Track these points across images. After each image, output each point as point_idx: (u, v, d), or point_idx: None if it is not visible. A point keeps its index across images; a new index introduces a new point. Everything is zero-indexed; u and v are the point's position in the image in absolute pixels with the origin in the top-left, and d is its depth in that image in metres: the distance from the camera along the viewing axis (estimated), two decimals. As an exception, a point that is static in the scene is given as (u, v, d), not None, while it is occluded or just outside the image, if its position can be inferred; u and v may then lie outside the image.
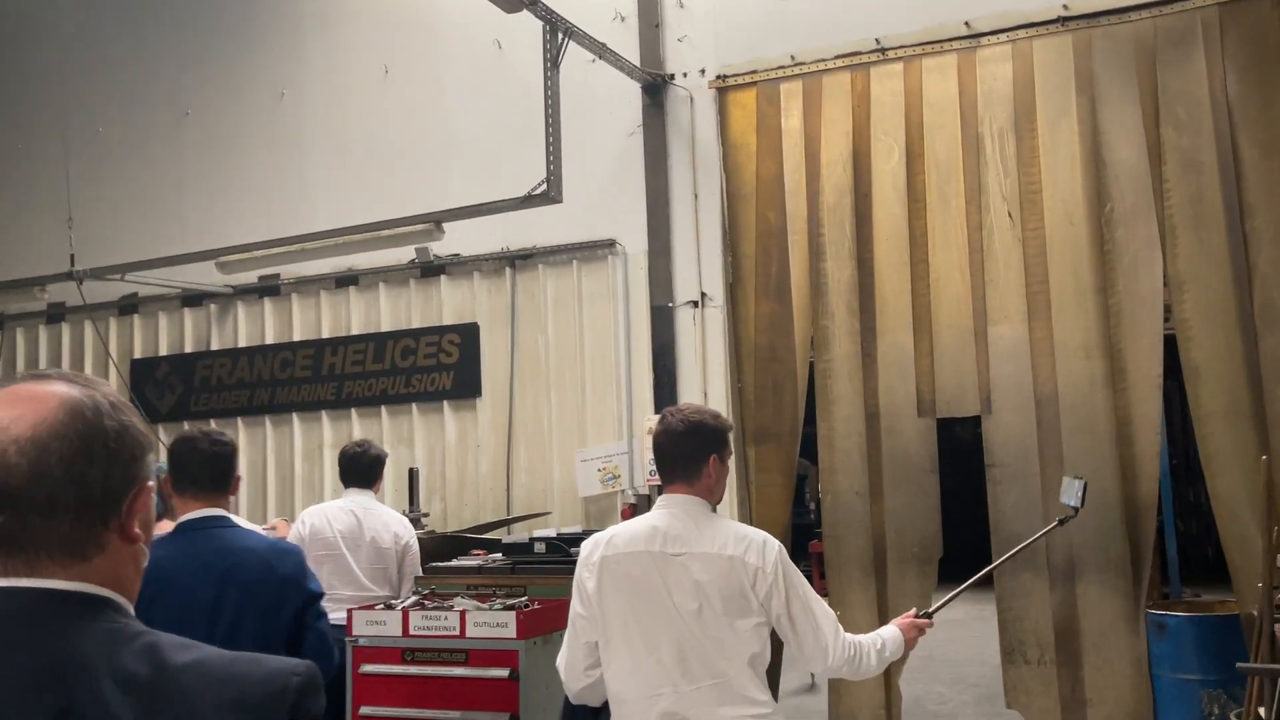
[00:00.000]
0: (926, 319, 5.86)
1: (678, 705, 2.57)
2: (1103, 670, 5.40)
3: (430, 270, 7.16)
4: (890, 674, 5.87)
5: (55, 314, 8.25)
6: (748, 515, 6.28)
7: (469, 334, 6.99)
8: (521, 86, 6.62)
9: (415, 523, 5.94)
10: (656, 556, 2.63)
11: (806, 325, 6.15)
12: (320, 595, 2.95)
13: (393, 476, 6.99)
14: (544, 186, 5.63)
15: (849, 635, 2.82)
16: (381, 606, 4.07)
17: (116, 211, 8.03)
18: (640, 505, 6.35)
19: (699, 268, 6.45)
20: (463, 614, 3.82)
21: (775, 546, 2.68)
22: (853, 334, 5.99)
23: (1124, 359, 5.48)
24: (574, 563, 2.83)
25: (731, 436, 2.89)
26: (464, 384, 6.97)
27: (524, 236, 6.89)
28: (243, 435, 7.60)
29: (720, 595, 2.60)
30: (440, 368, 7.04)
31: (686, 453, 2.72)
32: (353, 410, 7.28)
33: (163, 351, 7.92)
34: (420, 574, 4.49)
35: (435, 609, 3.93)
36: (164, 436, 7.80)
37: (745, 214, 6.36)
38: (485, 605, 3.98)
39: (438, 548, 5.66)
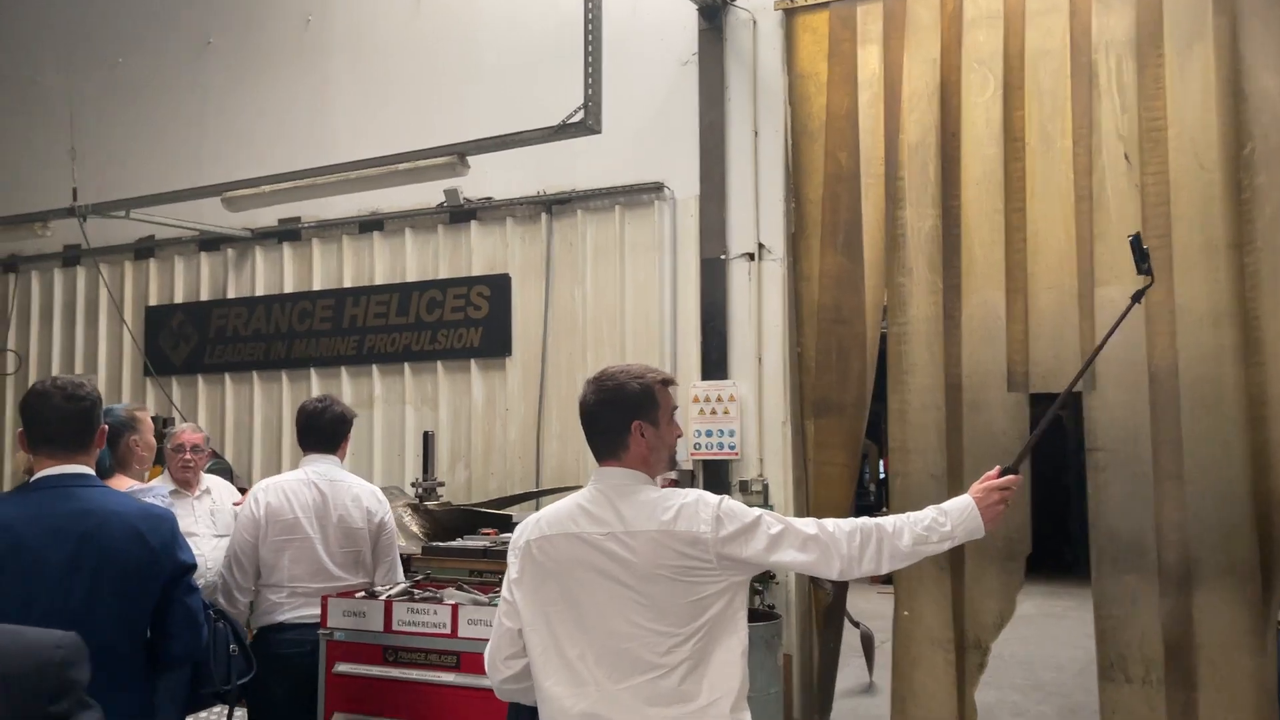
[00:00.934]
0: (1021, 277, 5.03)
1: (600, 706, 2.28)
2: (1221, 693, 4.57)
3: (460, 215, 6.49)
4: (965, 682, 5.11)
5: (70, 257, 7.76)
6: (804, 498, 5.54)
7: (500, 286, 6.32)
8: (561, 15, 5.89)
9: (429, 492, 5.32)
10: (578, 539, 2.34)
11: (879, 283, 5.35)
12: (192, 567, 2.64)
13: (411, 440, 6.39)
14: (580, 114, 4.90)
15: (844, 522, 2.42)
16: (363, 594, 3.42)
17: (133, 147, 7.49)
18: (682, 482, 5.65)
19: (756, 215, 5.69)
20: (454, 609, 3.16)
21: (712, 501, 2.33)
22: (933, 293, 5.18)
23: (1260, 328, 4.61)
24: None
25: (667, 391, 2.50)
26: (493, 341, 6.31)
27: (562, 179, 6.18)
28: (258, 391, 7.04)
29: (651, 577, 2.29)
30: (468, 322, 6.38)
31: (604, 425, 2.47)
32: (374, 367, 6.66)
33: (178, 299, 7.38)
34: (395, 556, 3.81)
35: (425, 600, 3.27)
36: (177, 391, 7.29)
37: (812, 154, 5.56)
38: (486, 598, 3.31)
39: (452, 522, 5.02)
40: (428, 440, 5.52)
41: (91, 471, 2.59)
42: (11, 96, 8.13)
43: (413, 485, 5.34)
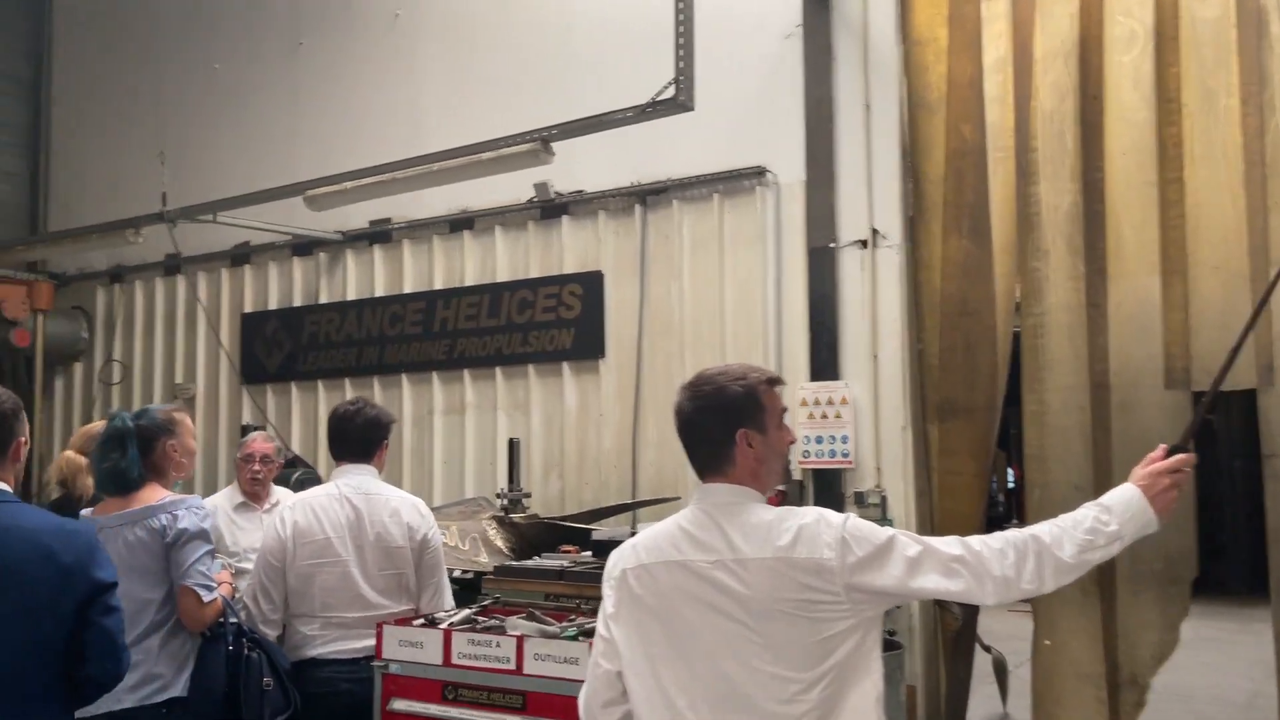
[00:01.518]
0: (1179, 258, 4.37)
1: None
2: None
3: (550, 210, 6.14)
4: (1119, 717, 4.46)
5: (171, 265, 7.74)
6: (928, 509, 4.97)
7: (592, 284, 5.93)
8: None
9: (515, 504, 4.96)
10: (681, 568, 2.06)
11: (1011, 269, 4.75)
12: (111, 585, 2.39)
13: (504, 448, 6.06)
14: (671, 90, 4.48)
15: (991, 539, 2.07)
16: (421, 621, 3.05)
17: (225, 153, 7.42)
18: (791, 494, 5.15)
19: (870, 198, 5.15)
20: (519, 641, 2.76)
21: (836, 522, 2.04)
22: (1074, 279, 4.56)
23: None
24: None
25: (774, 392, 2.22)
26: (586, 342, 5.93)
27: (656, 168, 5.75)
28: (350, 399, 6.82)
29: (768, 613, 1.99)
30: (560, 323, 6.02)
31: (705, 436, 2.18)
32: (465, 371, 6.36)
33: (272, 305, 7.26)
34: (442, 578, 3.40)
35: (487, 630, 2.89)
36: (271, 399, 7.16)
37: (931, 128, 5.00)
38: (558, 627, 2.90)
39: (538, 537, 4.65)
40: (513, 448, 5.17)
41: (5, 487, 2.38)
42: (112, 106, 8.20)
43: (497, 496, 4.99)
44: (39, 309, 7.64)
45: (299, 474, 6.04)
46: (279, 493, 4.68)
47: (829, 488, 5.16)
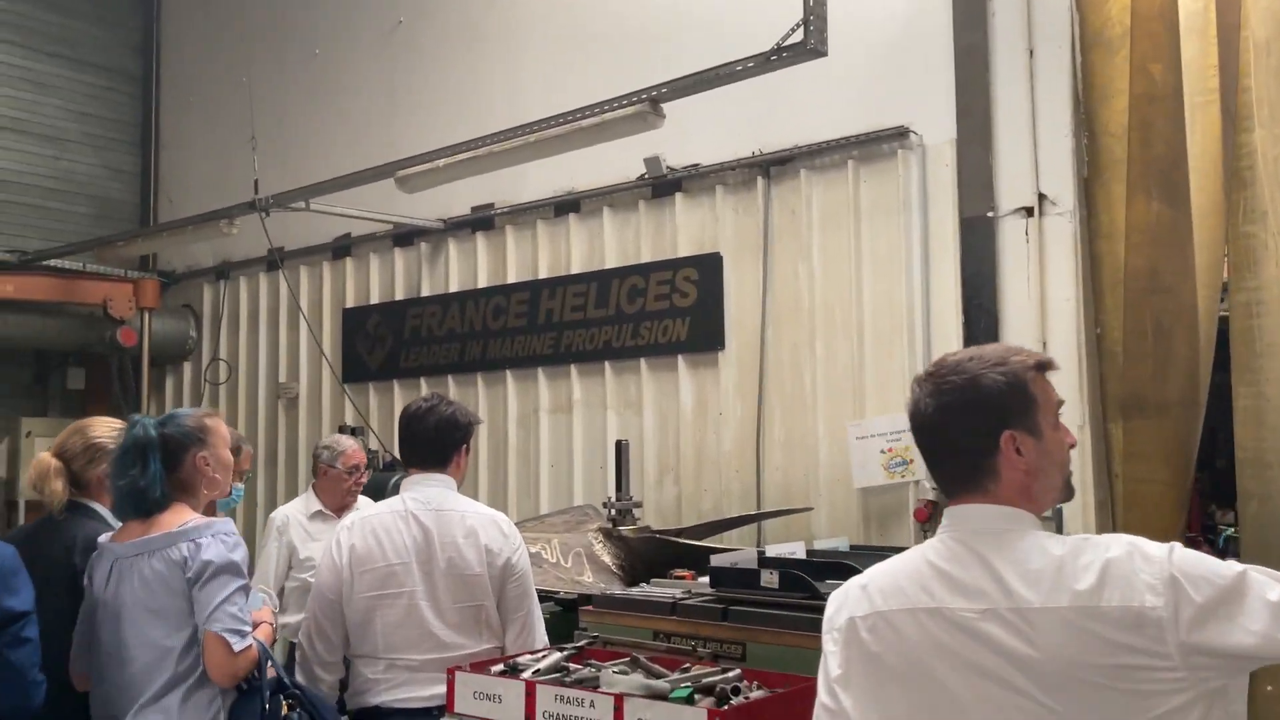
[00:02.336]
0: None
1: None
2: None
3: (662, 187, 5.55)
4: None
5: (274, 260, 7.47)
6: (1109, 524, 4.18)
7: (709, 268, 5.32)
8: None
9: (624, 515, 4.39)
10: (936, 617, 1.57)
11: (1216, 236, 3.93)
12: (21, 615, 2.13)
13: (602, 449, 5.52)
14: (799, 33, 3.82)
15: None
16: (500, 668, 2.50)
17: (324, 140, 7.11)
18: (941, 500, 4.43)
19: (1035, 158, 4.39)
20: (618, 702, 2.18)
21: (1158, 555, 1.50)
22: (1301, 245, 3.71)
23: None
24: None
25: (1046, 380, 1.75)
26: (703, 332, 5.32)
27: (781, 135, 5.11)
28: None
29: (1066, 682, 1.47)
30: (674, 312, 5.43)
31: (956, 442, 1.69)
32: (572, 366, 5.84)
33: (374, 299, 6.90)
34: (531, 610, 2.84)
35: (579, 684, 2.32)
36: (374, 398, 6.80)
37: (1110, 71, 4.20)
38: (668, 680, 2.31)
39: (650, 553, 4.07)
40: (621, 451, 4.60)
41: None
42: (217, 99, 8.00)
43: (604, 505, 4.44)
44: (145, 307, 7.48)
45: (397, 477, 5.63)
46: (362, 502, 4.25)
47: (988, 497, 4.42)
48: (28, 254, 7.18)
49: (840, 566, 3.03)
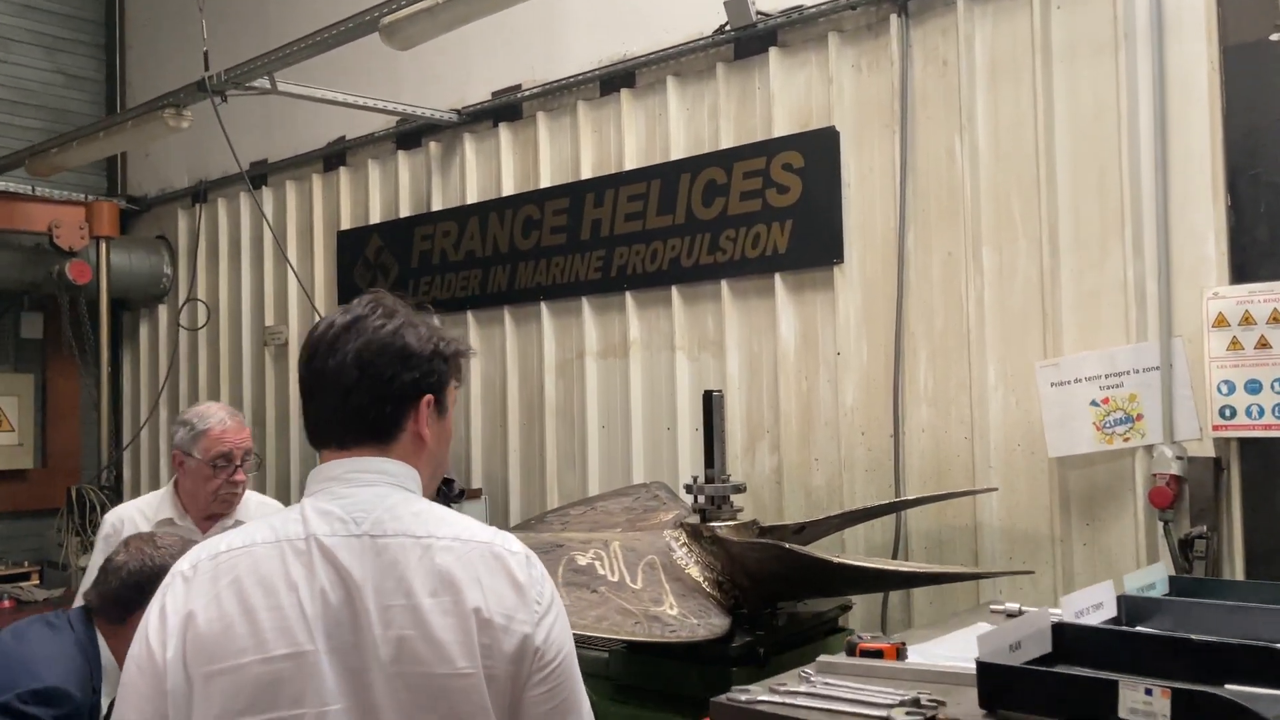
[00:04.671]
0: None
1: None
2: None
3: (750, 44, 4.03)
4: None
5: (257, 176, 6.07)
6: None
7: (821, 149, 3.80)
8: None
9: (718, 503, 2.91)
10: None
11: None
12: None
13: (687, 407, 4.08)
14: None
15: None
16: None
17: (304, 8, 5.63)
18: (1193, 475, 2.96)
19: (1352, -55, 2.80)
20: None
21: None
22: None
23: None
24: None
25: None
26: (811, 242, 3.82)
27: (926, -49, 3.55)
28: (475, 337, 4.97)
29: None
30: (769, 214, 3.93)
31: None
32: (627, 295, 4.37)
33: (374, 218, 5.46)
34: None
35: None
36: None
37: None
38: None
39: (766, 564, 2.62)
40: (713, 408, 3.09)
41: None
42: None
43: (689, 489, 2.96)
44: (101, 235, 6.11)
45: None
46: (253, 505, 2.86)
47: (1271, 471, 2.91)
48: (-46, 174, 5.83)
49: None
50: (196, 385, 6.39)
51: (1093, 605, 1.91)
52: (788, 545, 2.41)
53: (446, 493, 4.39)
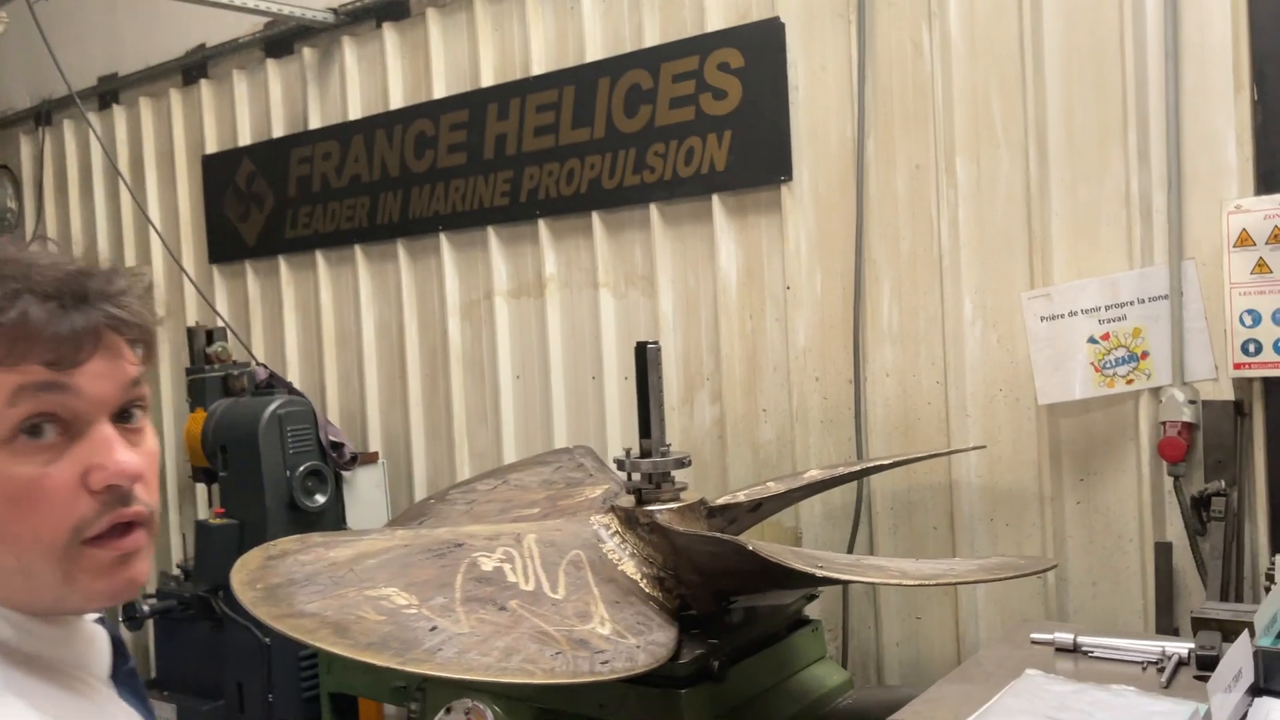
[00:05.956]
0: None
1: None
2: None
3: (676, -82, 3.38)
4: None
5: (107, 93, 5.23)
6: None
7: (763, 46, 3.21)
8: None
9: (657, 480, 2.36)
10: None
11: None
12: None
13: (615, 355, 3.54)
14: None
15: None
16: None
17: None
18: (1208, 422, 2.52)
19: None
20: None
21: None
22: None
23: None
24: None
25: None
26: (753, 157, 3.25)
27: None
28: (365, 276, 4.31)
29: None
30: (703, 125, 3.34)
31: None
32: (540, 223, 3.76)
33: (243, 139, 4.71)
34: None
35: None
36: (253, 283, 4.71)
37: None
38: None
39: (715, 559, 2.12)
40: (646, 361, 2.50)
41: None
42: None
43: (620, 464, 2.38)
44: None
45: (277, 404, 3.63)
46: None
47: (1302, 418, 2.48)
48: None
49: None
50: (53, 337, 5.59)
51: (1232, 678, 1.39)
52: (750, 546, 1.89)
53: (337, 459, 3.79)
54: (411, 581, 1.98)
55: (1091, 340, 2.71)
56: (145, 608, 3.61)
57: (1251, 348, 2.49)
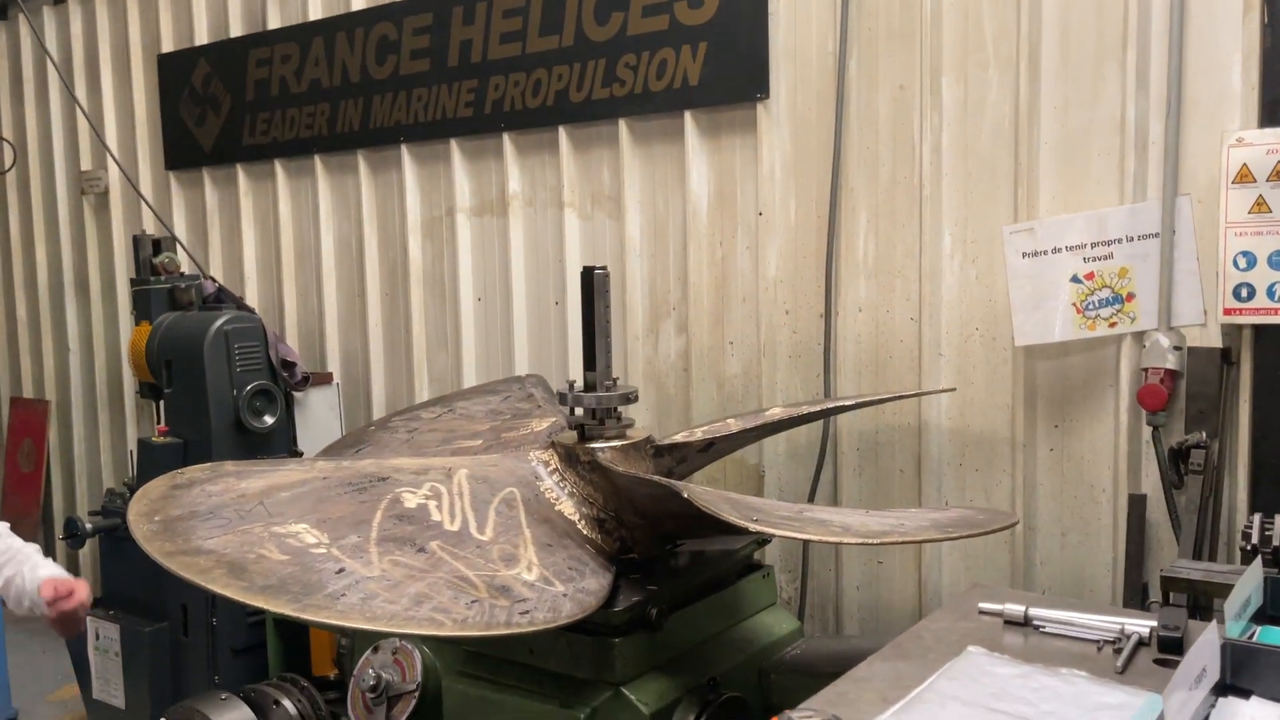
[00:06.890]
0: None
1: None
2: None
3: None
4: None
5: (60, -15, 4.96)
6: None
7: (742, -52, 2.97)
8: None
9: (601, 416, 2.21)
10: None
11: None
12: None
13: (559, 276, 3.37)
14: None
15: None
16: None
17: None
18: (1193, 369, 2.37)
19: None
20: None
21: None
22: None
23: None
24: None
25: None
26: (729, 71, 3.03)
27: None
28: (325, 187, 4.11)
29: None
30: (677, 35, 3.12)
31: None
32: (505, 137, 3.55)
33: (201, 38, 4.46)
34: None
35: None
36: (210, 192, 4.50)
37: None
38: None
39: (658, 502, 1.98)
40: (593, 288, 2.32)
41: None
42: None
43: (563, 398, 2.24)
44: None
45: (224, 320, 3.46)
46: None
47: (1291, 369, 2.33)
48: None
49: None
50: (9, 243, 5.40)
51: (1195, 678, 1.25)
52: (685, 493, 1.76)
53: (288, 379, 3.63)
54: (325, 518, 1.85)
55: (1075, 279, 2.54)
56: (88, 526, 3.49)
57: (1244, 292, 2.33)
